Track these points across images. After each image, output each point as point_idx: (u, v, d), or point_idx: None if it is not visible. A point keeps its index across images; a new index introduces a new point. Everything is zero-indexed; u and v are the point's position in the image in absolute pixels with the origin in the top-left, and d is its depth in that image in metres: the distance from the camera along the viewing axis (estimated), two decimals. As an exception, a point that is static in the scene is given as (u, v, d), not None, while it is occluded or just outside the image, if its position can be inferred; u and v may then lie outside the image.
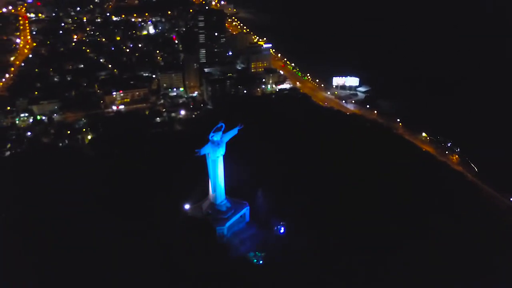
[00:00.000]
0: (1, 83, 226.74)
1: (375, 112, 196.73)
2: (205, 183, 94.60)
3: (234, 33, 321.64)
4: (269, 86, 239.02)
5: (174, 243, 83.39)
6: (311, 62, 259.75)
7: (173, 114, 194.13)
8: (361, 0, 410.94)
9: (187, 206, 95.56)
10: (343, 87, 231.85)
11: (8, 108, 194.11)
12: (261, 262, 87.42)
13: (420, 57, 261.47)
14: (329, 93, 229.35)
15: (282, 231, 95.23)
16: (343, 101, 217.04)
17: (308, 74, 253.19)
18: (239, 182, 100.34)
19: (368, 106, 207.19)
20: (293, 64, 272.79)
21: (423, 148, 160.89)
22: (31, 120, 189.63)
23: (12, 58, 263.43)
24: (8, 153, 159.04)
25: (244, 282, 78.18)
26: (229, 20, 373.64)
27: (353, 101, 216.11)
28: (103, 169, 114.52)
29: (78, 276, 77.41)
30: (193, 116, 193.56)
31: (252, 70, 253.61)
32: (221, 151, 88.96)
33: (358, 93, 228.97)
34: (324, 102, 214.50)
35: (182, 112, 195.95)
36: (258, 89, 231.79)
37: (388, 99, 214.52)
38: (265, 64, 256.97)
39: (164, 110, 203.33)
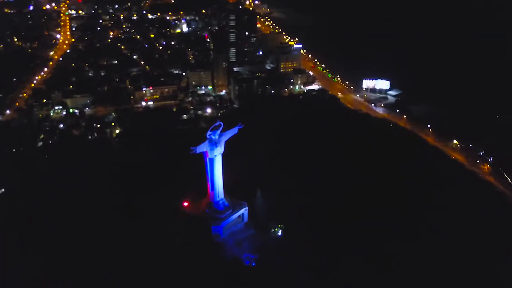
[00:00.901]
0: (40, 77, 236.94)
1: (405, 116, 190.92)
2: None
3: (266, 32, 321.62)
4: (297, 86, 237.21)
5: (169, 240, 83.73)
6: (342, 63, 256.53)
7: (199, 112, 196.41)
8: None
9: (186, 203, 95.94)
10: (373, 90, 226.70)
11: (44, 100, 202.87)
12: (253, 264, 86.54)
13: (447, 60, 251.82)
14: (358, 95, 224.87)
15: (279, 233, 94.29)
16: (372, 104, 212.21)
17: (338, 76, 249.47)
18: (244, 182, 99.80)
19: (398, 110, 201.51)
20: (323, 65, 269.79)
21: (452, 156, 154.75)
22: (64, 113, 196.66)
23: (51, 53, 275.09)
24: (40, 143, 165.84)
25: (234, 283, 77.64)
26: (262, 20, 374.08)
27: (382, 105, 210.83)
28: (115, 164, 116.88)
29: (75, 274, 78.96)
30: (219, 114, 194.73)
31: (281, 70, 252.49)
32: (219, 150, 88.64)
33: (389, 96, 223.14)
34: (352, 105, 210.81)
35: (209, 110, 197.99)
36: (286, 89, 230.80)
37: (420, 104, 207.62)
38: (294, 65, 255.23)
39: (191, 107, 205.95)
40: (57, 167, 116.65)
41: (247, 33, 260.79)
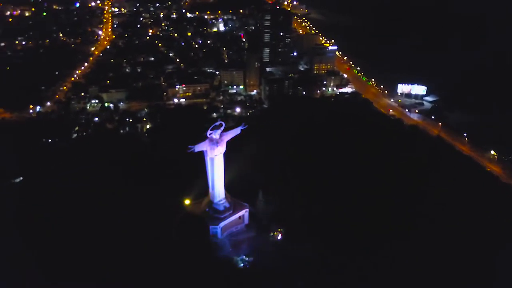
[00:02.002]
0: (80, 71, 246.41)
1: (440, 124, 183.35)
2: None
3: (302, 33, 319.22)
4: (329, 88, 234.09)
5: (167, 239, 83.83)
6: (378, 67, 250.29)
7: (228, 111, 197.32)
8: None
9: (187, 201, 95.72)
10: (408, 95, 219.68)
11: (82, 94, 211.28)
12: (247, 266, 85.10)
13: (489, 66, 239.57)
14: (392, 100, 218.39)
15: (279, 237, 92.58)
16: (406, 110, 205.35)
17: (373, 79, 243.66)
18: (254, 182, 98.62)
19: (433, 117, 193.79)
20: (358, 68, 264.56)
21: (488, 168, 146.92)
22: (99, 107, 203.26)
23: (92, 49, 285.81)
24: (75, 135, 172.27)
25: (223, 284, 76.74)
26: (299, 20, 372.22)
27: (416, 111, 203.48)
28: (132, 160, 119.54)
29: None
30: (247, 114, 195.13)
31: (315, 72, 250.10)
32: (220, 149, 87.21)
33: (425, 102, 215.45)
34: (385, 109, 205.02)
35: (238, 110, 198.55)
36: (318, 91, 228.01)
37: (458, 111, 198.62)
38: (328, 66, 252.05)
39: (221, 106, 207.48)
40: (78, 161, 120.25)
41: (281, 34, 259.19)
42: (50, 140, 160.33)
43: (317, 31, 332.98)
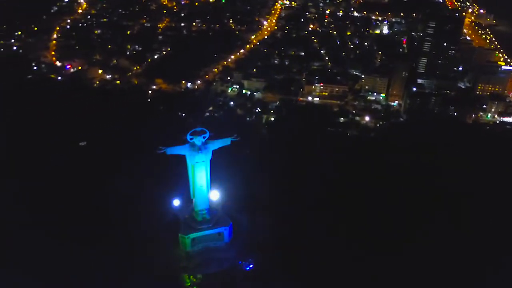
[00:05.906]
0: (234, 56, 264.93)
1: None
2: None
3: (476, 46, 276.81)
4: (489, 114, 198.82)
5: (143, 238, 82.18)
6: None
7: (357, 118, 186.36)
8: None
9: (176, 202, 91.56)
10: None
11: (228, 78, 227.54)
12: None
13: None
14: None
15: (248, 268, 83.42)
16: None
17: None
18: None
19: None
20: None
21: None
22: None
23: (252, 37, 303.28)
24: (207, 114, 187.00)
25: None
26: (480, 31, 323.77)
27: None
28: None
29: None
30: (377, 125, 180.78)
31: (477, 93, 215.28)
32: (203, 157, 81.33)
33: None
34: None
35: (367, 119, 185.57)
36: (473, 115, 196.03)
37: None
38: (496, 89, 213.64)
39: (353, 111, 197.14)
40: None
41: (445, 44, 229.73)
42: (184, 114, 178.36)
43: (498, 46, 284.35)
